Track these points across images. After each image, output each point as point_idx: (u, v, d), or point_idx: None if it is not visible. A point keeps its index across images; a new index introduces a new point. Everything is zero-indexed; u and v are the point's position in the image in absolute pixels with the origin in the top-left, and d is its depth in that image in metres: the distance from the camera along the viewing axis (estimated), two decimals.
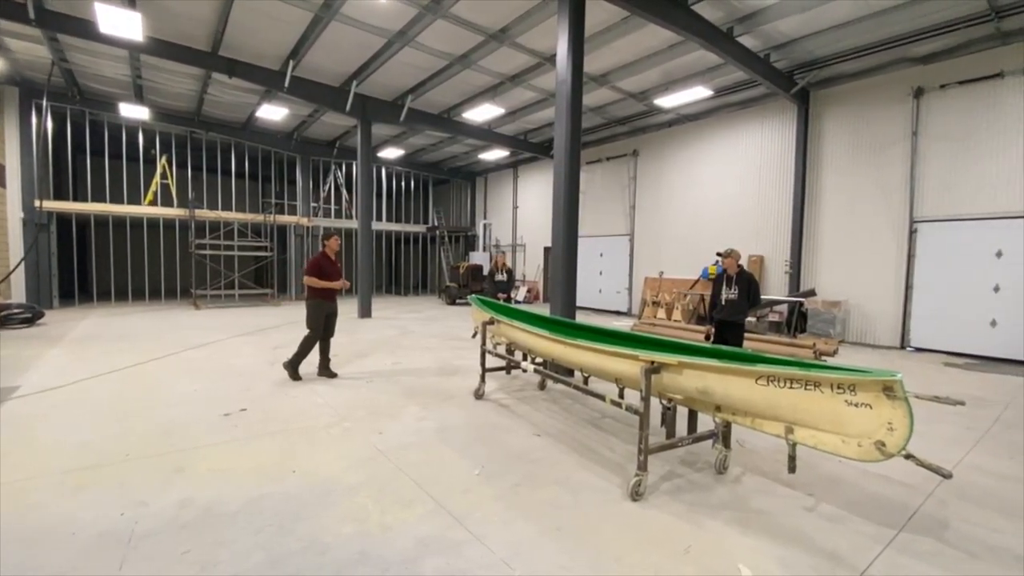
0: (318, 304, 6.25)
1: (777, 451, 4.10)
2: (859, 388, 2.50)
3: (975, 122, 8.90)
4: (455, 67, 10.86)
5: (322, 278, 6.17)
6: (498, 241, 20.62)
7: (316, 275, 6.16)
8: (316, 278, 6.15)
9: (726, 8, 8.31)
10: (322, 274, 6.18)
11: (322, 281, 6.16)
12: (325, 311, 6.31)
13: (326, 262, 6.28)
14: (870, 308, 10.26)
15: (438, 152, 18.68)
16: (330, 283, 6.21)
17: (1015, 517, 3.18)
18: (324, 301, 6.28)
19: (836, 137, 10.70)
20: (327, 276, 6.22)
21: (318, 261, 6.27)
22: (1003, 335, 8.65)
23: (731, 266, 5.90)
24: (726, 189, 12.64)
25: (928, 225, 9.53)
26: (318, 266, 6.21)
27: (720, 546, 2.78)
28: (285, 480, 3.50)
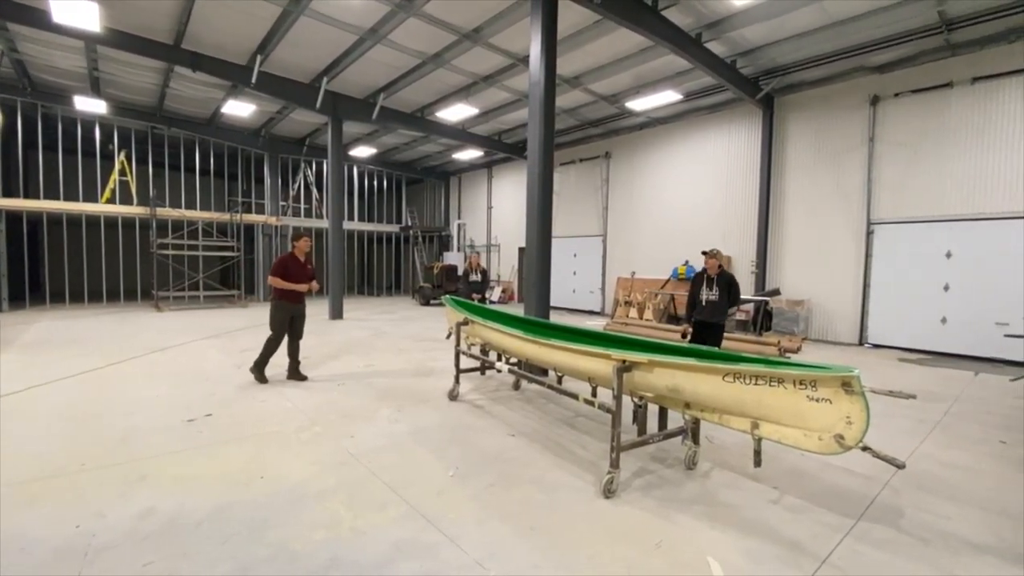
0: (282, 306, 6.08)
1: (744, 446, 4.23)
2: (820, 384, 2.60)
3: (926, 129, 9.37)
4: (428, 66, 10.79)
5: (288, 279, 6.00)
6: (472, 241, 20.57)
7: (280, 275, 5.98)
8: (280, 279, 5.97)
9: (695, 14, 8.51)
10: (287, 275, 6.01)
11: (285, 282, 5.97)
12: (290, 313, 6.14)
13: (293, 263, 6.11)
14: (831, 306, 10.68)
15: (411, 151, 18.51)
16: (294, 285, 6.02)
17: (963, 504, 3.37)
18: (288, 303, 6.10)
19: (799, 141, 11.10)
20: (293, 277, 6.04)
21: (284, 261, 6.10)
22: (953, 332, 9.14)
23: (713, 267, 5.81)
24: (695, 191, 12.95)
25: (884, 227, 9.99)
26: (284, 266, 6.04)
27: (690, 540, 2.85)
28: (253, 487, 3.41)
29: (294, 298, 6.12)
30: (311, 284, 6.26)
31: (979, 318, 8.81)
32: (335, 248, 12.42)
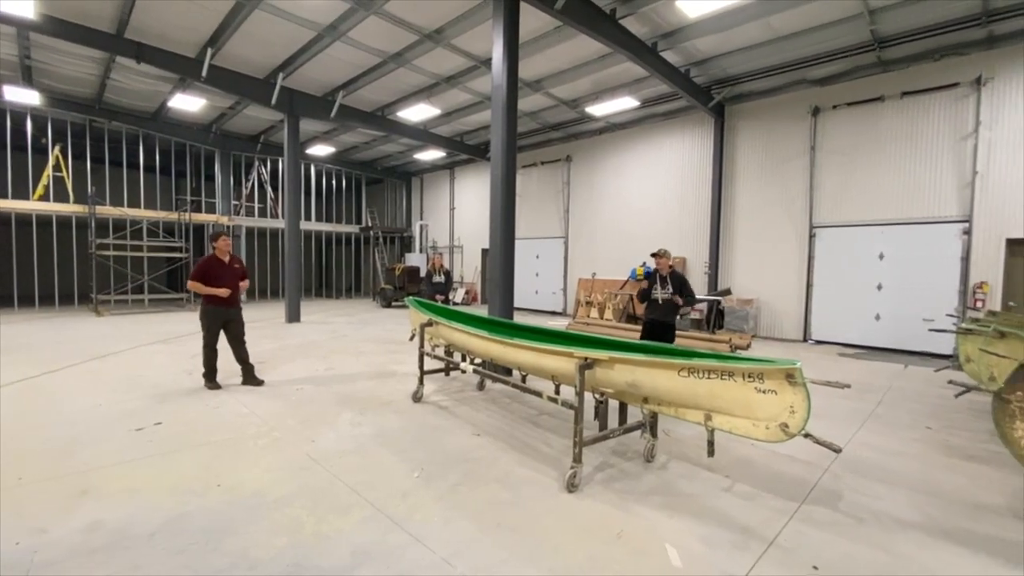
0: (209, 311, 5.75)
1: (698, 439, 4.42)
2: (766, 376, 2.79)
3: (860, 139, 10.07)
4: (389, 65, 10.66)
5: (210, 282, 5.65)
6: (435, 242, 20.43)
7: (201, 279, 5.63)
8: (201, 283, 5.62)
9: (651, 24, 8.81)
10: (209, 277, 5.66)
11: (205, 287, 5.62)
12: (220, 318, 5.81)
13: (215, 265, 5.76)
14: (778, 305, 11.28)
15: (372, 150, 18.20)
16: (214, 289, 5.65)
17: (894, 485, 3.66)
18: (217, 306, 5.76)
19: (748, 149, 11.67)
20: (216, 280, 5.69)
21: (205, 264, 5.74)
22: (885, 328, 9.85)
23: (663, 266, 5.96)
24: (653, 195, 13.37)
25: (824, 230, 10.65)
26: (204, 270, 5.69)
27: (649, 529, 2.98)
28: (210, 495, 3.30)
29: (222, 301, 5.77)
30: (242, 284, 5.98)
31: (909, 315, 9.53)
32: (292, 249, 12.05)
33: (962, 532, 3.02)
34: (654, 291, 5.96)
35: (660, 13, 8.39)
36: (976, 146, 8.81)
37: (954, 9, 7.88)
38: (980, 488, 3.64)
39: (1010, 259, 8.68)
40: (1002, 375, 3.87)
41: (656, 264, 6.01)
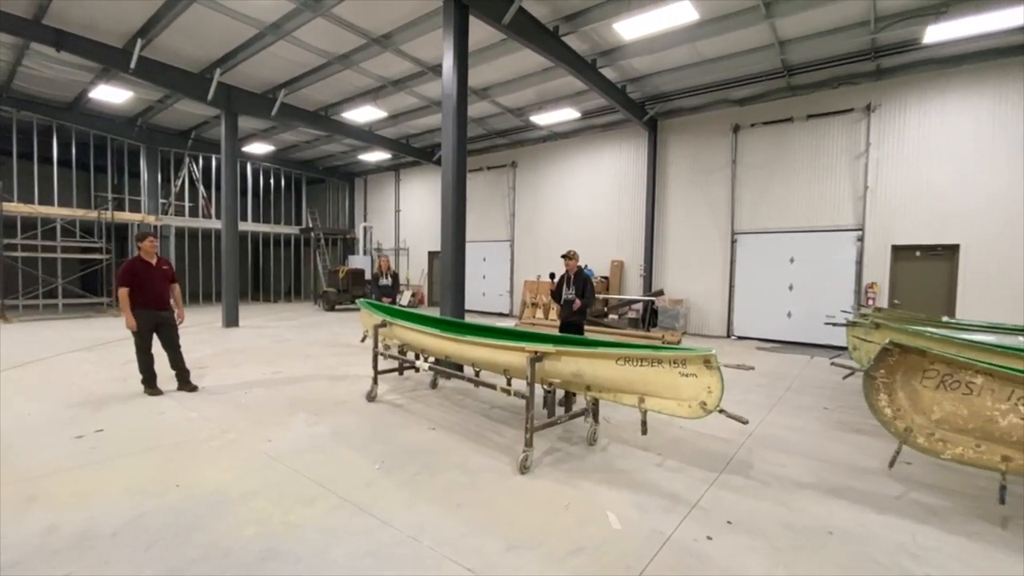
0: (139, 314, 5.49)
1: (634, 423, 4.89)
2: (688, 362, 3.26)
3: (774, 155, 11.23)
4: (335, 66, 10.60)
5: (137, 285, 5.46)
6: (380, 245, 20.21)
7: (128, 283, 5.42)
8: (127, 287, 5.41)
9: (590, 42, 9.41)
10: (136, 281, 5.47)
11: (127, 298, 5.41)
12: (152, 321, 5.60)
13: (141, 267, 5.55)
14: (705, 305, 12.28)
15: (313, 150, 17.76)
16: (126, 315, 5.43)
17: (795, 455, 4.30)
18: (147, 309, 5.54)
19: (678, 160, 12.62)
20: (143, 282, 5.50)
21: (130, 266, 5.49)
22: (796, 324, 11.03)
23: (572, 267, 6.23)
24: (593, 201, 14.09)
25: (744, 236, 11.74)
26: (130, 272, 5.47)
27: (593, 501, 3.37)
28: (169, 496, 3.34)
29: (152, 304, 5.58)
30: (173, 286, 5.83)
31: (815, 312, 10.73)
32: (229, 251, 11.61)
33: (846, 489, 3.65)
34: (564, 292, 6.27)
35: (599, 33, 8.99)
36: (867, 164, 10.12)
37: (849, 44, 9.05)
38: (862, 454, 4.36)
39: (895, 263, 10.05)
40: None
41: (565, 266, 6.29)
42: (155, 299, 5.60)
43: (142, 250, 5.64)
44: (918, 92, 9.61)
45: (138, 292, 5.48)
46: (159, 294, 5.63)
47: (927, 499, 3.49)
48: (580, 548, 2.80)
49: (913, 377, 3.05)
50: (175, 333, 5.81)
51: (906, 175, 9.75)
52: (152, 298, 5.58)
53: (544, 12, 8.37)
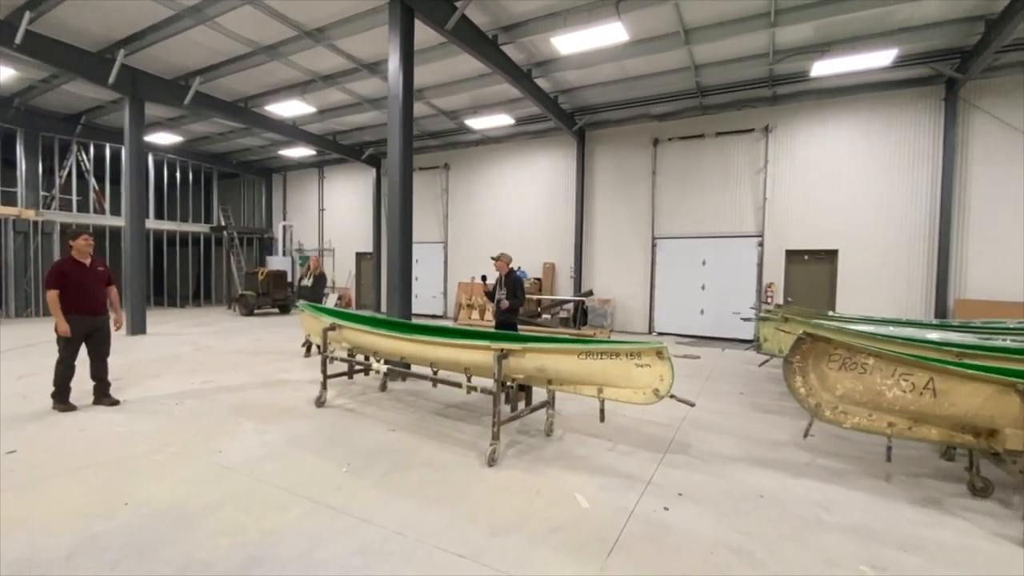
0: (71, 320, 4.99)
1: (582, 414, 5.30)
2: (643, 354, 3.64)
3: (689, 168, 12.35)
4: (260, 56, 10.02)
5: (69, 288, 4.96)
6: (301, 245, 19.22)
7: (56, 285, 4.91)
8: (56, 289, 4.90)
9: (527, 53, 9.79)
10: (68, 283, 4.97)
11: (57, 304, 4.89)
12: (83, 328, 5.10)
13: (74, 268, 5.06)
14: (629, 304, 13.18)
15: (228, 142, 16.50)
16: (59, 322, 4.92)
17: (724, 434, 4.90)
18: (79, 315, 5.04)
19: (604, 169, 13.43)
20: (76, 285, 5.01)
21: (61, 268, 5.01)
22: (708, 320, 12.21)
23: (502, 268, 6.34)
24: (526, 205, 14.54)
25: (663, 241, 12.78)
26: (61, 274, 4.96)
27: (560, 485, 3.64)
28: (119, 514, 3.11)
29: (86, 309, 5.08)
30: (110, 290, 5.36)
31: (724, 309, 11.97)
32: (135, 251, 10.51)
33: (768, 460, 4.25)
34: (497, 293, 6.45)
35: (536, 45, 9.39)
36: (766, 179, 11.48)
37: (751, 73, 10.25)
38: (776, 431, 5.06)
39: (788, 265, 11.49)
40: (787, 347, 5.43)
41: (495, 267, 6.46)
42: (89, 304, 5.08)
43: (75, 249, 5.10)
44: (806, 117, 11.10)
45: (69, 296, 4.94)
46: (94, 298, 5.11)
47: (830, 464, 4.17)
48: (558, 527, 3.05)
49: (821, 361, 3.66)
50: (107, 342, 5.30)
51: (797, 189, 11.22)
52: (86, 303, 5.05)
53: (484, 20, 8.60)
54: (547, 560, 2.70)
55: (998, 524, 3.14)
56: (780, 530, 3.05)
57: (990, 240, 9.60)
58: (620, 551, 2.79)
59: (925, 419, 3.35)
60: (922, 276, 10.14)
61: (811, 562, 2.71)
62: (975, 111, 9.63)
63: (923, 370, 3.26)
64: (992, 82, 9.46)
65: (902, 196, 10.27)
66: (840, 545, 2.89)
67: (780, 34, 8.69)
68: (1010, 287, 9.32)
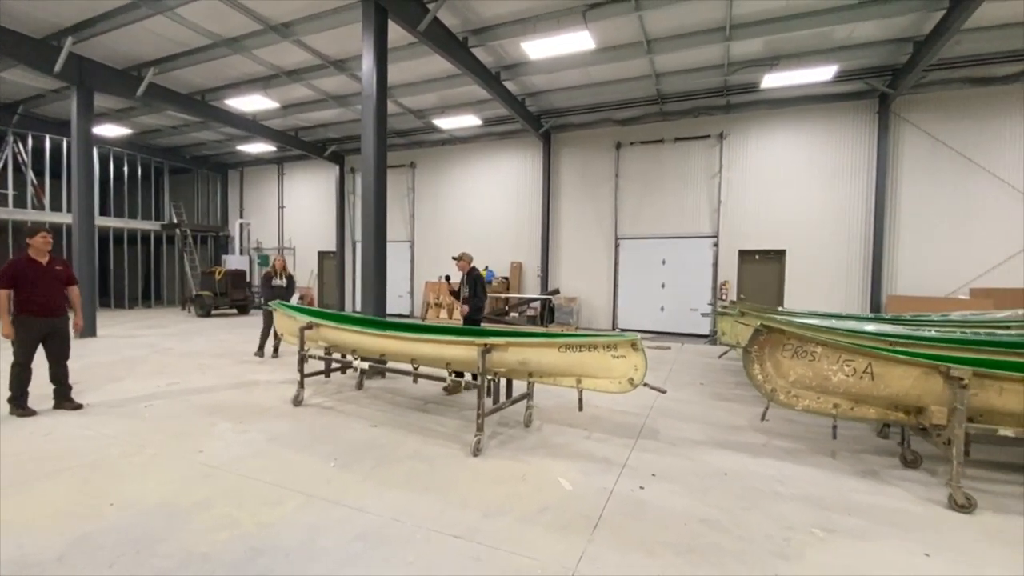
0: (24, 322, 4.78)
1: (556, 407, 5.56)
2: (619, 346, 3.92)
3: (649, 171, 12.89)
4: (221, 49, 9.74)
5: (23, 288, 4.75)
6: (260, 244, 18.64)
7: (8, 284, 4.70)
8: (8, 289, 4.69)
9: (496, 56, 9.98)
10: (22, 283, 4.76)
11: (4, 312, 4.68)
12: (40, 331, 4.87)
13: (29, 268, 4.83)
14: (594, 302, 13.61)
15: (180, 136, 15.81)
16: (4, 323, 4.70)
17: (688, 421, 5.26)
18: (36, 317, 4.83)
19: (569, 171, 13.80)
20: (31, 285, 4.80)
21: (14, 267, 4.80)
22: (667, 316, 12.79)
23: (463, 267, 6.41)
24: (493, 205, 14.72)
25: (626, 241, 13.28)
26: (13, 274, 4.74)
27: (544, 471, 3.87)
28: (106, 515, 3.09)
29: (43, 310, 4.87)
30: (70, 290, 5.16)
31: (682, 306, 12.58)
32: (84, 249, 9.98)
33: (729, 442, 4.63)
34: (461, 292, 6.56)
35: (505, 48, 9.60)
36: (720, 183, 12.15)
37: (707, 82, 10.84)
38: (734, 417, 5.48)
39: (741, 265, 12.21)
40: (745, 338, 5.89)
41: (457, 267, 6.54)
42: (46, 305, 4.85)
43: (32, 247, 4.86)
44: (757, 126, 11.82)
45: (24, 296, 4.70)
46: (52, 299, 4.89)
47: (784, 444, 4.60)
48: (545, 508, 3.27)
49: (776, 350, 4.04)
50: (67, 344, 5.08)
51: (748, 193, 11.94)
52: (43, 304, 4.83)
53: (454, 22, 8.73)
54: (538, 537, 2.91)
55: (926, 490, 3.60)
56: (743, 502, 3.39)
57: (917, 242, 10.58)
58: (604, 527, 3.04)
59: (865, 400, 3.78)
60: (859, 274, 11.03)
61: (770, 528, 3.05)
62: (905, 124, 10.59)
63: (863, 356, 3.68)
64: (919, 98, 10.43)
65: (842, 201, 11.14)
66: (794, 512, 3.25)
67: (734, 47, 9.26)
68: (934, 284, 10.31)
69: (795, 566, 2.64)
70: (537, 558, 2.68)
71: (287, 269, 8.97)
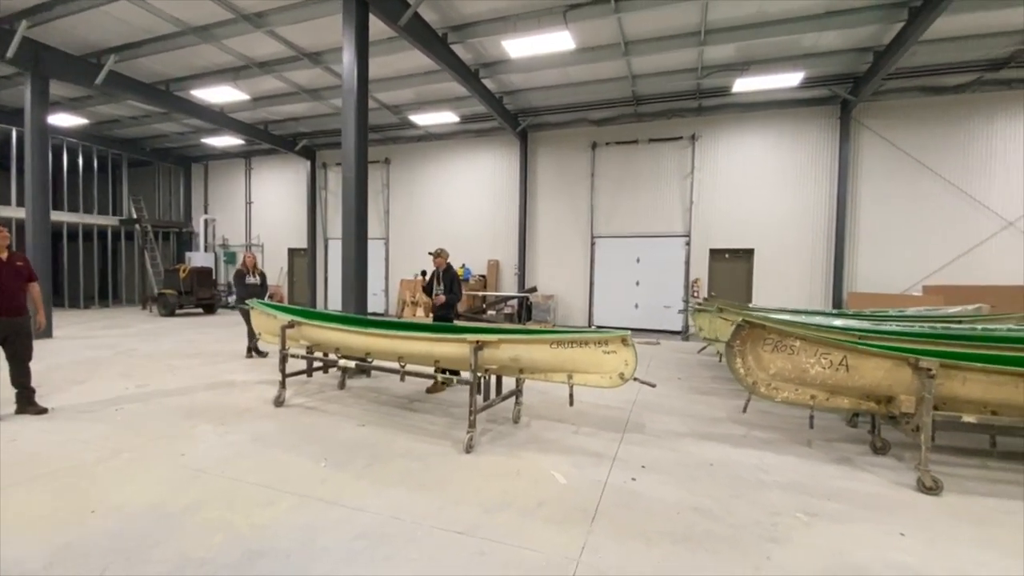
0: None
1: (543, 403, 5.62)
2: (610, 342, 4.00)
3: (625, 171, 13.12)
4: (188, 37, 9.35)
5: None
6: (226, 240, 18.01)
7: None
8: None
9: (475, 53, 9.95)
10: None
11: None
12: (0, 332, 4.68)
13: None
14: (570, 299, 13.77)
15: (141, 127, 15.07)
16: None
17: (670, 414, 5.42)
18: None
19: (546, 170, 13.90)
20: None
21: None
22: (642, 313, 13.07)
23: (440, 264, 6.40)
24: (470, 202, 14.68)
25: (602, 239, 13.49)
26: None
27: (537, 466, 3.92)
28: (89, 522, 2.96)
29: (2, 310, 4.66)
30: (30, 287, 4.92)
31: (655, 303, 12.88)
32: (40, 245, 9.43)
33: (711, 434, 4.80)
34: (434, 288, 6.50)
35: (485, 46, 9.59)
36: (692, 183, 12.48)
37: (681, 85, 11.12)
38: (713, 410, 5.67)
39: (712, 263, 12.58)
40: (724, 334, 6.11)
41: (433, 263, 6.54)
42: (7, 304, 4.59)
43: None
44: (727, 128, 12.20)
45: None
46: (10, 297, 4.62)
47: (762, 435, 4.80)
48: (542, 502, 3.32)
49: (757, 344, 4.22)
50: (28, 344, 4.81)
51: (719, 193, 12.31)
52: (2, 303, 4.55)
53: (434, 18, 8.67)
54: (539, 530, 2.96)
55: (896, 474, 3.84)
56: (730, 491, 3.53)
57: (876, 242, 11.17)
58: (601, 518, 3.11)
59: (840, 391, 4.00)
60: (822, 272, 11.55)
61: (758, 514, 3.19)
62: (864, 129, 11.14)
63: (839, 350, 3.88)
64: (878, 105, 10.99)
65: (807, 202, 11.63)
66: (779, 499, 3.41)
67: (708, 52, 9.53)
68: (890, 281, 10.91)
69: (785, 549, 2.77)
70: (541, 551, 2.73)
71: (259, 266, 8.74)
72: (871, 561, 2.66)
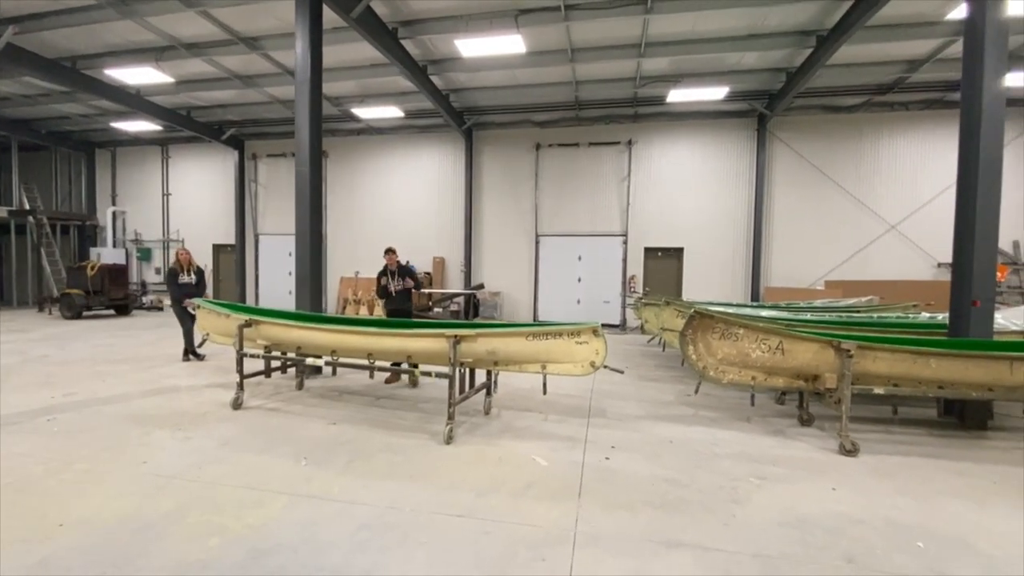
0: None
1: (509, 394, 5.85)
2: (582, 332, 4.31)
3: (567, 172, 13.63)
4: (106, 11, 8.48)
5: None
6: (139, 235, 16.42)
7: None
8: None
9: (424, 49, 9.93)
10: None
11: None
12: None
13: None
14: (516, 296, 14.09)
15: (36, 107, 13.34)
16: None
17: (625, 400, 5.85)
18: None
19: (491, 169, 14.09)
20: None
21: None
22: (583, 308, 13.67)
23: (392, 261, 6.66)
24: (414, 199, 14.54)
25: (546, 238, 13.93)
26: None
27: (517, 452, 4.14)
28: (59, 537, 2.77)
29: None
30: None
31: (595, 298, 13.54)
32: None
33: (665, 416, 5.27)
34: (389, 286, 6.67)
35: (436, 44, 9.60)
36: (629, 186, 13.25)
37: (619, 93, 11.77)
38: (663, 394, 6.19)
39: (647, 260, 13.44)
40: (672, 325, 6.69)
41: (387, 260, 6.73)
42: None
43: None
44: (660, 135, 13.08)
45: None
46: None
47: (708, 414, 5.34)
48: (530, 483, 3.54)
49: (707, 333, 4.72)
50: None
51: (653, 195, 13.17)
52: None
53: (384, 12, 8.57)
54: (533, 508, 3.18)
55: (821, 441, 4.48)
56: (691, 463, 3.96)
57: (786, 242, 12.51)
58: (586, 493, 3.40)
59: (776, 372, 4.58)
60: (743, 268, 12.75)
61: (719, 481, 3.63)
62: (777, 141, 12.43)
63: (776, 335, 4.46)
64: (788, 119, 12.30)
65: (729, 205, 12.77)
66: (733, 467, 3.88)
67: (645, 63, 10.19)
68: (799, 276, 12.29)
69: (746, 507, 3.21)
70: (540, 525, 2.95)
71: (194, 263, 8.20)
72: (815, 512, 3.16)
